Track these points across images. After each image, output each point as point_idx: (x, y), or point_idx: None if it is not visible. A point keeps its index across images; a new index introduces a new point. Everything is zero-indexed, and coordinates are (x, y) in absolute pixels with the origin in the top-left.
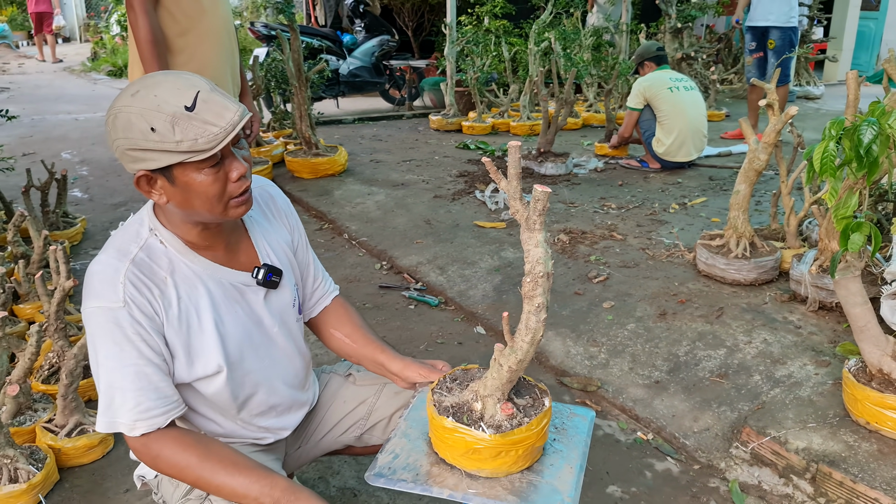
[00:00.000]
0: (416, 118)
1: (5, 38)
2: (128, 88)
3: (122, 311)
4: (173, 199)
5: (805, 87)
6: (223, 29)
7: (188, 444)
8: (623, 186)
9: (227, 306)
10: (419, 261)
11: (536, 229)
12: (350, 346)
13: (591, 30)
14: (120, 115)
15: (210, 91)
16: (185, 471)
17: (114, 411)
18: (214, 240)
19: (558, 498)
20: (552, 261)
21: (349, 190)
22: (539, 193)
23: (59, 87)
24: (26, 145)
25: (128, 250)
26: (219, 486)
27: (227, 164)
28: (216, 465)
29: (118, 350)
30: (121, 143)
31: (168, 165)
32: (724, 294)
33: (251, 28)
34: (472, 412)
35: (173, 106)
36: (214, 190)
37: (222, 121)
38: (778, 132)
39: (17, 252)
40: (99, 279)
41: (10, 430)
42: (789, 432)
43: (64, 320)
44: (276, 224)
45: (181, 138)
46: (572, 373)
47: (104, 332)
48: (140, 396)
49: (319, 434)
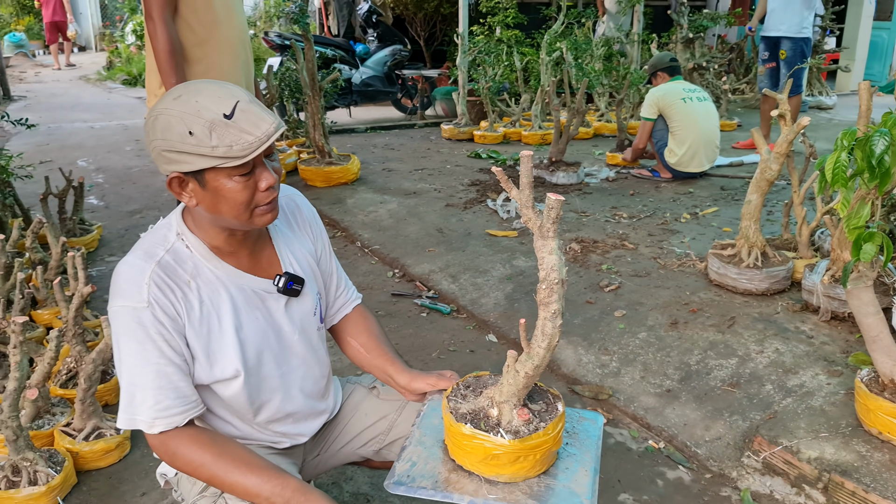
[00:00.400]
0: (428, 127)
1: (22, 47)
2: (170, 93)
3: (146, 311)
4: (202, 203)
5: (817, 98)
6: (238, 39)
7: (204, 443)
8: (634, 196)
9: (248, 312)
10: (431, 269)
11: (550, 237)
12: (362, 356)
13: (603, 40)
14: (160, 116)
15: (249, 102)
16: (199, 468)
17: (134, 408)
18: (239, 246)
19: (577, 500)
20: (566, 268)
21: (362, 198)
22: (552, 202)
23: (75, 95)
24: (43, 153)
25: (154, 253)
26: (232, 484)
27: (258, 173)
28: (230, 463)
29: (140, 349)
30: (158, 143)
31: (201, 169)
32: (735, 303)
33: (265, 38)
34: (488, 418)
35: (213, 112)
36: (243, 197)
37: (258, 130)
38: (790, 142)
39: (35, 258)
40: (125, 279)
41: (30, 434)
42: (801, 442)
43: (82, 326)
44: (299, 234)
45: (217, 144)
46: (584, 381)
47: (128, 330)
48: (159, 395)
49: (339, 444)
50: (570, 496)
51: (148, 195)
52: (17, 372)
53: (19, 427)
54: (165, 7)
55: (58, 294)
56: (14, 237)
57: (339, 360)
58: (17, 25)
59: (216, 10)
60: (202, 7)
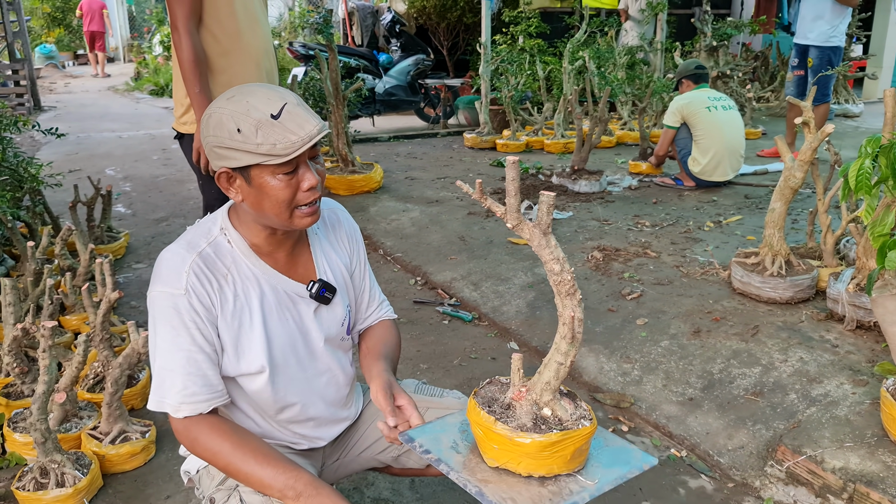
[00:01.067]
0: (450, 136)
1: (53, 58)
2: (225, 94)
3: (183, 298)
4: (247, 199)
5: (844, 105)
6: (262, 49)
7: (224, 432)
8: (657, 204)
9: (279, 312)
10: (453, 276)
11: (550, 232)
12: (361, 359)
13: (626, 48)
14: (214, 115)
15: (296, 105)
16: (217, 455)
17: (163, 392)
18: (278, 247)
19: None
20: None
21: (384, 206)
22: (546, 196)
23: (104, 105)
24: (72, 162)
25: (197, 244)
26: (247, 474)
27: (301, 173)
28: (247, 454)
29: (174, 335)
30: (210, 139)
31: (247, 165)
32: (759, 312)
33: (290, 48)
34: (544, 420)
35: (261, 112)
36: (285, 195)
37: (302, 131)
38: (814, 150)
39: (64, 265)
40: (166, 266)
41: (58, 437)
42: (826, 451)
43: (109, 331)
44: (337, 246)
45: (262, 141)
46: (605, 389)
47: (164, 316)
48: (188, 381)
49: (358, 449)
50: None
51: (174, 203)
52: (45, 375)
53: (48, 430)
54: (190, 18)
55: (86, 300)
56: (44, 244)
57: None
58: (47, 37)
59: (240, 20)
60: (226, 17)
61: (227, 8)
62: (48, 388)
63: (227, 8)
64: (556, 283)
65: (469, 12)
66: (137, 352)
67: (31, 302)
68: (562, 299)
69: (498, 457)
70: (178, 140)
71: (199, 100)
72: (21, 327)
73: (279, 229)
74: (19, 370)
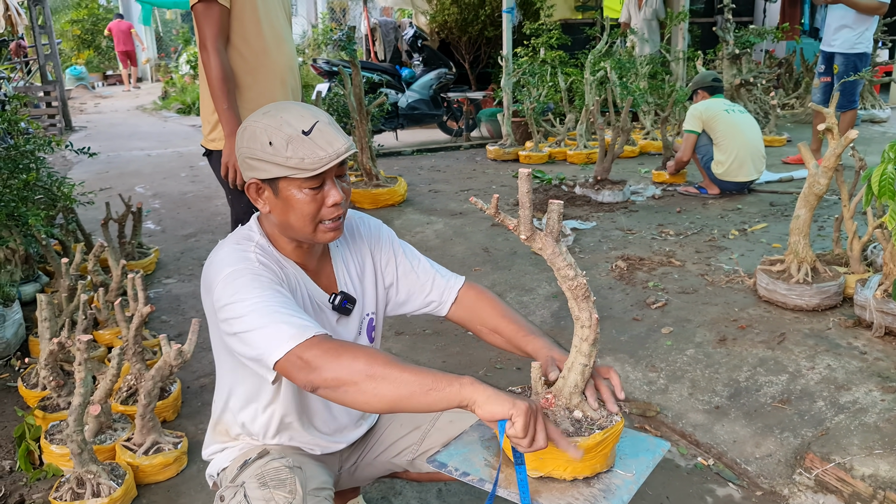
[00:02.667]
0: (473, 149)
1: (83, 79)
2: (261, 109)
3: (259, 267)
4: (274, 210)
5: (870, 111)
6: (287, 66)
7: (354, 345)
8: (681, 213)
9: (313, 315)
10: None
11: (560, 239)
12: (501, 340)
13: (647, 58)
14: (249, 128)
15: (327, 124)
16: (367, 358)
17: (280, 335)
18: (304, 259)
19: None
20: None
21: (409, 219)
22: (554, 205)
23: (133, 124)
24: (103, 180)
25: (249, 238)
26: (397, 378)
27: (327, 189)
28: (391, 363)
29: (261, 293)
30: (243, 150)
31: (276, 178)
32: (785, 320)
33: (313, 65)
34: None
35: (293, 128)
36: (310, 209)
37: (330, 148)
38: (838, 156)
39: (97, 281)
40: (229, 255)
41: (93, 448)
42: (855, 459)
43: (141, 344)
44: (357, 256)
45: (291, 155)
46: (631, 398)
47: (246, 285)
48: (293, 318)
49: (375, 453)
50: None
51: (202, 219)
52: (81, 388)
53: (84, 441)
54: (219, 36)
55: (118, 315)
56: (77, 261)
57: None
58: (77, 59)
59: (266, 38)
60: (252, 36)
61: (253, 27)
62: (84, 400)
63: (254, 27)
64: (572, 287)
65: (490, 26)
66: (169, 364)
67: (65, 317)
68: (578, 303)
69: (542, 466)
70: (206, 157)
71: (228, 116)
72: (57, 342)
73: (303, 242)
74: (55, 383)
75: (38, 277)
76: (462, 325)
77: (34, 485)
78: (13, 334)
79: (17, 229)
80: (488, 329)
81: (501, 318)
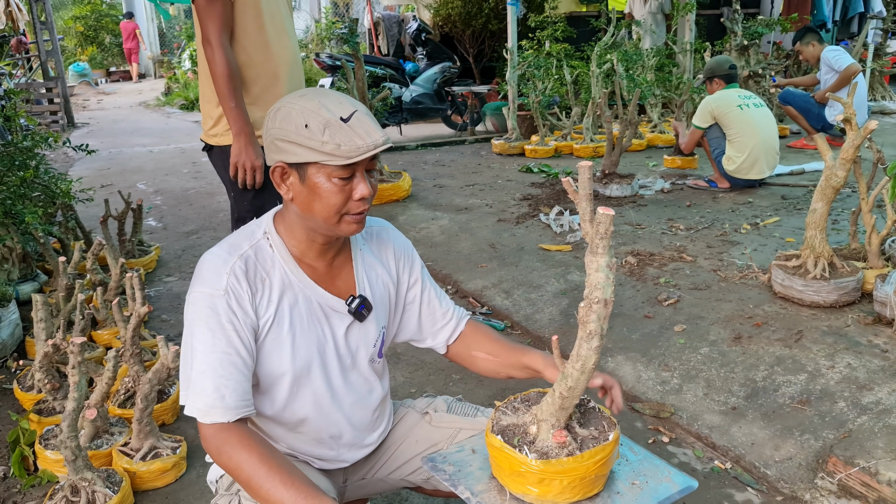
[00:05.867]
0: (478, 143)
1: (86, 76)
2: (297, 91)
3: (222, 298)
4: (297, 198)
5: (881, 102)
6: (291, 60)
7: (252, 444)
8: (691, 207)
9: (309, 323)
10: (484, 285)
11: (599, 253)
12: (494, 362)
13: (654, 50)
14: (283, 108)
15: (366, 115)
16: (240, 467)
17: (196, 394)
18: (319, 257)
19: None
20: (612, 287)
21: (413, 215)
22: (601, 216)
23: (135, 121)
24: (104, 177)
25: (239, 246)
26: (268, 492)
27: (356, 182)
28: (272, 471)
29: (210, 336)
30: (274, 132)
31: (305, 163)
32: (802, 317)
33: (316, 59)
34: (525, 434)
35: (331, 113)
36: (337, 200)
37: (368, 138)
38: (857, 148)
39: (95, 279)
40: (208, 267)
41: (89, 453)
42: (880, 462)
43: (139, 346)
44: (383, 264)
45: (328, 140)
46: (644, 398)
47: (202, 316)
48: (220, 384)
49: (387, 469)
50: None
51: (204, 216)
52: (75, 392)
53: (78, 447)
54: (222, 31)
55: (116, 314)
56: (75, 259)
57: (394, 378)
58: (80, 56)
59: (269, 33)
60: (256, 30)
61: (256, 21)
62: (78, 404)
63: (257, 21)
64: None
65: (494, 19)
66: (167, 367)
67: (62, 317)
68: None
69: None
70: (206, 152)
71: (236, 115)
72: (52, 343)
73: (320, 236)
74: (50, 386)
75: (37, 276)
76: (457, 359)
77: (28, 492)
78: (9, 335)
79: (15, 227)
80: (484, 354)
81: (497, 343)
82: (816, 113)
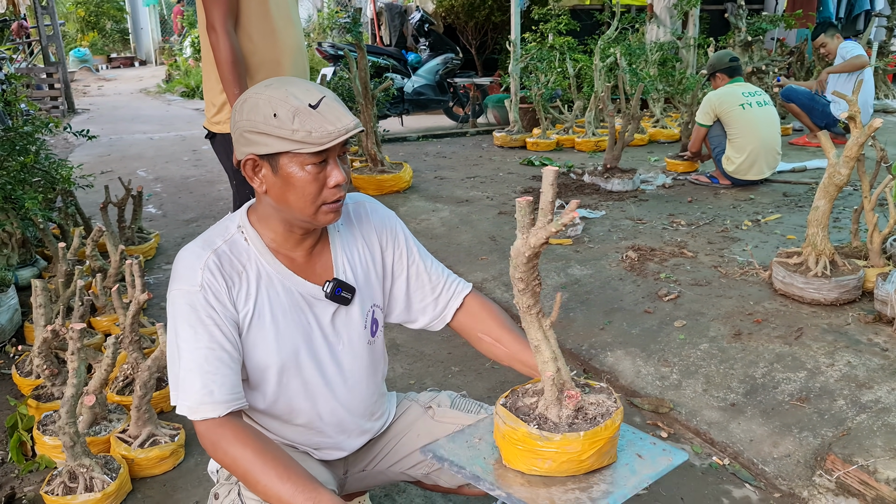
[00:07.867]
0: (479, 135)
1: (86, 62)
2: (263, 81)
3: (199, 294)
4: (271, 191)
5: (884, 101)
6: (296, 48)
7: (246, 438)
8: (692, 203)
9: (293, 314)
10: (484, 277)
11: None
12: (501, 350)
13: (657, 45)
14: (249, 99)
15: (334, 100)
16: (237, 462)
17: (184, 392)
18: (296, 247)
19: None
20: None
21: (414, 206)
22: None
23: (136, 107)
24: (104, 164)
25: (213, 241)
26: (265, 485)
27: (329, 169)
28: (268, 465)
29: (193, 333)
30: (242, 124)
31: (276, 153)
32: (802, 314)
33: (319, 48)
34: (533, 410)
35: (299, 101)
36: (311, 189)
37: (339, 123)
38: (861, 146)
39: (94, 266)
40: (183, 264)
41: (87, 440)
42: (878, 461)
43: (138, 332)
44: (362, 242)
45: (298, 128)
46: (643, 393)
47: (182, 313)
48: (206, 379)
49: (387, 462)
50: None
51: (204, 204)
52: (74, 378)
53: (76, 433)
54: (227, 17)
55: (116, 301)
56: (75, 245)
57: (392, 369)
58: (82, 41)
59: (274, 20)
60: (261, 17)
61: (261, 8)
62: (77, 391)
63: (262, 8)
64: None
65: (497, 11)
66: (166, 353)
67: (62, 303)
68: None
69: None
70: (209, 139)
71: None
72: (51, 329)
73: (298, 227)
74: (49, 372)
75: (36, 261)
76: (462, 334)
77: (26, 477)
78: (8, 320)
79: (15, 212)
80: (491, 339)
81: (505, 330)
82: (819, 110)
